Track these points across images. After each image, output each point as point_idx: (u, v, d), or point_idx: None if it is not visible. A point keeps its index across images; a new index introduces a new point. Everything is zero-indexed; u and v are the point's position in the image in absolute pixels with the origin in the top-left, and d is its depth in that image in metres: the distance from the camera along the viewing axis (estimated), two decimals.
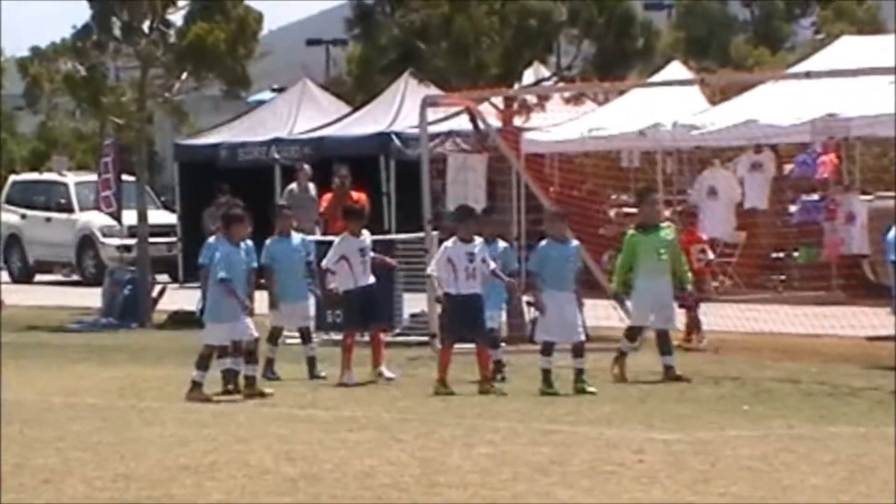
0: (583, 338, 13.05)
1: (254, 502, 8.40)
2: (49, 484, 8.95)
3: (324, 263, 14.13)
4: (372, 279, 14.15)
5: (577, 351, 12.99)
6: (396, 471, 9.17)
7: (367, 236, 14.35)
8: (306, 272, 14.54)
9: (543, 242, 13.22)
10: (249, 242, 13.16)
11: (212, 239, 14.82)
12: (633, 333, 13.77)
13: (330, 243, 17.06)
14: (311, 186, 23.09)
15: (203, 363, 12.76)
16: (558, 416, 11.48)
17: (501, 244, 13.78)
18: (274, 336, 14.41)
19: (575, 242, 13.34)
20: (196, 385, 12.68)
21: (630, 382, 13.38)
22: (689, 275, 14.03)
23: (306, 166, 23.77)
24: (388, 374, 13.93)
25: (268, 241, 14.43)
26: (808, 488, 8.57)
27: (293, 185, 23.39)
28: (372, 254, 14.21)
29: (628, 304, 14.19)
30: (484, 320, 13.21)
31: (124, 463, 9.54)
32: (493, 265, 13.13)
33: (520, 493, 8.49)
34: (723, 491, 8.48)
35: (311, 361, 14.32)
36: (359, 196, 20.24)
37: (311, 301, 14.70)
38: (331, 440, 10.34)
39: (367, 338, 14.20)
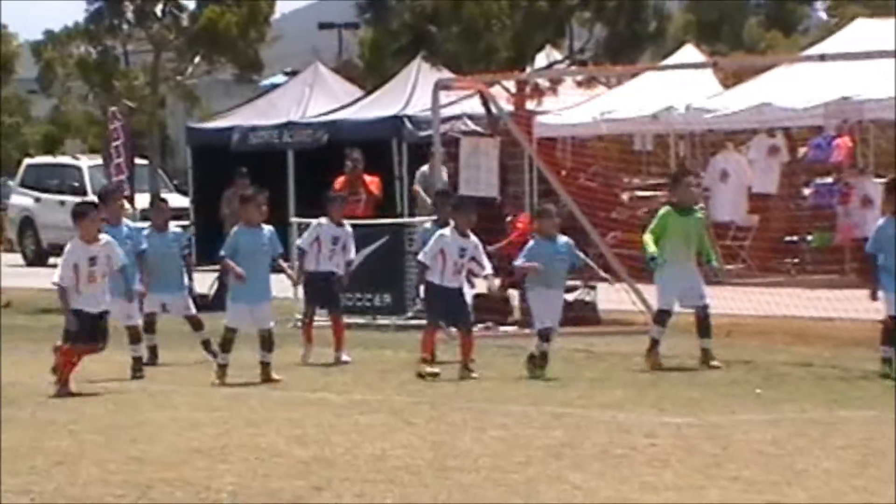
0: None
1: (266, 485, 8.41)
2: (62, 466, 8.98)
3: (298, 242, 14.32)
4: (336, 268, 14.25)
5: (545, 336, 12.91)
6: (408, 454, 9.18)
7: (347, 227, 14.49)
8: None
9: (531, 241, 13.12)
10: (270, 227, 13.17)
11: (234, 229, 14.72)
12: (662, 318, 13.50)
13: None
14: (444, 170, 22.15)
15: (225, 346, 12.84)
16: (570, 399, 11.48)
17: (562, 239, 13.21)
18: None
19: (564, 239, 13.05)
20: (221, 368, 12.74)
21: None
22: (714, 254, 13.86)
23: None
24: (344, 357, 14.05)
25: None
26: (821, 472, 8.56)
27: (425, 168, 21.73)
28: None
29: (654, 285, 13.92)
30: (467, 308, 13.17)
31: (137, 446, 9.57)
32: (487, 269, 13.00)
33: (532, 477, 8.50)
34: (735, 475, 8.48)
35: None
36: (371, 180, 20.24)
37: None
38: (342, 423, 10.36)
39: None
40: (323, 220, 14.59)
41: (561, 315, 13.07)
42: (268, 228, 13.05)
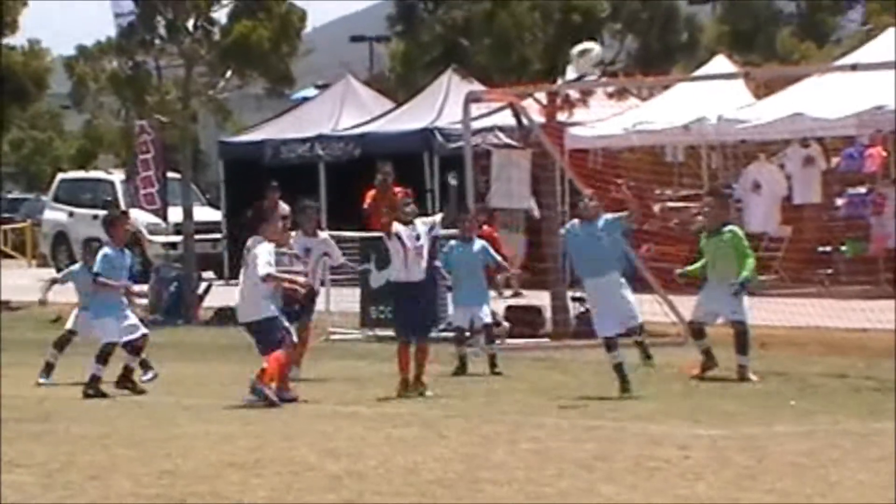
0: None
1: (298, 499, 8.42)
2: (96, 480, 9.01)
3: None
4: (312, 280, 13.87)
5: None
6: (440, 467, 9.16)
7: (322, 235, 14.33)
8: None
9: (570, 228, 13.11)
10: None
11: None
12: (693, 330, 13.64)
13: (372, 239, 17.12)
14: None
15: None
16: (602, 412, 11.44)
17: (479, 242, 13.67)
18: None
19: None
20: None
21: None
22: (749, 272, 13.70)
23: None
24: (300, 373, 13.62)
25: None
26: (856, 484, 8.50)
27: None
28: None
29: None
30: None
31: (170, 459, 9.59)
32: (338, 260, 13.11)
33: (564, 490, 8.47)
34: (769, 487, 8.43)
35: None
36: (403, 192, 20.19)
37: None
38: (375, 437, 10.35)
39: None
40: (293, 232, 14.33)
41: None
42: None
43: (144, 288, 14.33)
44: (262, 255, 12.28)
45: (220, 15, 22.11)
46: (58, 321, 19.55)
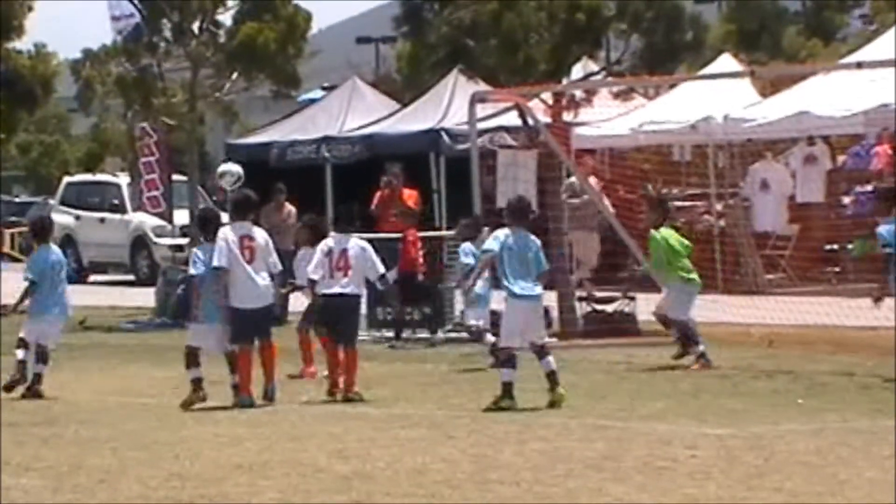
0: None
1: (307, 501, 8.42)
2: (105, 483, 9.02)
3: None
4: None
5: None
6: (449, 468, 9.17)
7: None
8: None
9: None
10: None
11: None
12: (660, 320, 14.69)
13: (380, 241, 17.10)
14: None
15: None
16: (610, 412, 11.44)
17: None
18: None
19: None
20: None
21: (683, 376, 13.27)
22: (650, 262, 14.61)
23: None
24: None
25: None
26: (865, 483, 8.49)
27: (572, 179, 20.22)
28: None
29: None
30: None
31: (179, 462, 9.60)
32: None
33: (573, 490, 8.47)
34: (778, 486, 8.42)
35: None
36: (410, 194, 20.24)
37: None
38: (383, 438, 10.36)
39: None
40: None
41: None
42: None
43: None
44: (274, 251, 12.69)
45: (226, 17, 22.13)
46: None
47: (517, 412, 11.53)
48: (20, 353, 13.27)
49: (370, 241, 16.52)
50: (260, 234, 12.70)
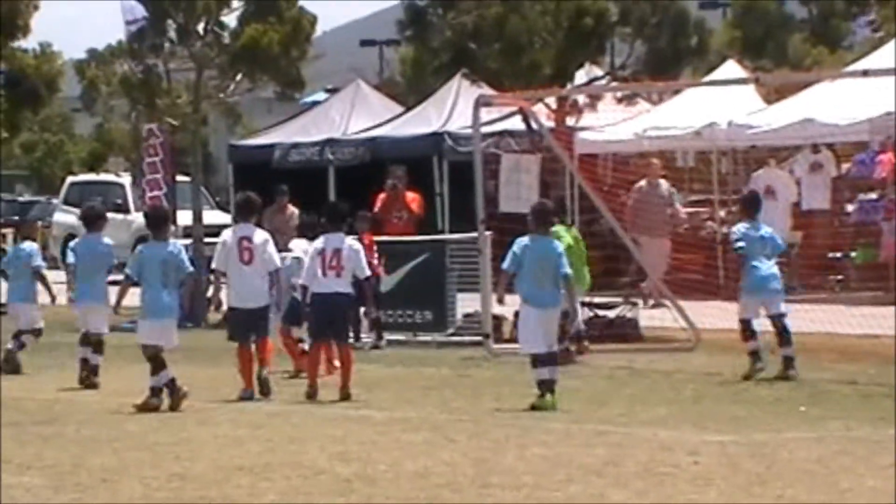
0: None
1: (308, 503, 8.41)
2: (106, 483, 9.01)
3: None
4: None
5: None
6: (450, 471, 9.16)
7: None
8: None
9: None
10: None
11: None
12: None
13: (383, 243, 17.08)
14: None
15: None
16: (612, 417, 11.43)
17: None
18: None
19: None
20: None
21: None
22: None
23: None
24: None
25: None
26: (867, 491, 8.48)
27: (643, 183, 20.38)
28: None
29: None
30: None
31: (180, 463, 9.59)
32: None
33: (573, 495, 8.46)
34: (779, 493, 8.41)
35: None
36: (413, 197, 20.23)
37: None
38: (385, 441, 10.35)
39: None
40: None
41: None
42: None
43: None
44: (274, 250, 12.90)
45: (231, 19, 22.13)
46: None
47: (518, 416, 11.51)
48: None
49: (376, 243, 16.61)
50: (259, 235, 12.80)
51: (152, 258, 12.52)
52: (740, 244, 13.79)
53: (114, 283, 13.97)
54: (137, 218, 29.33)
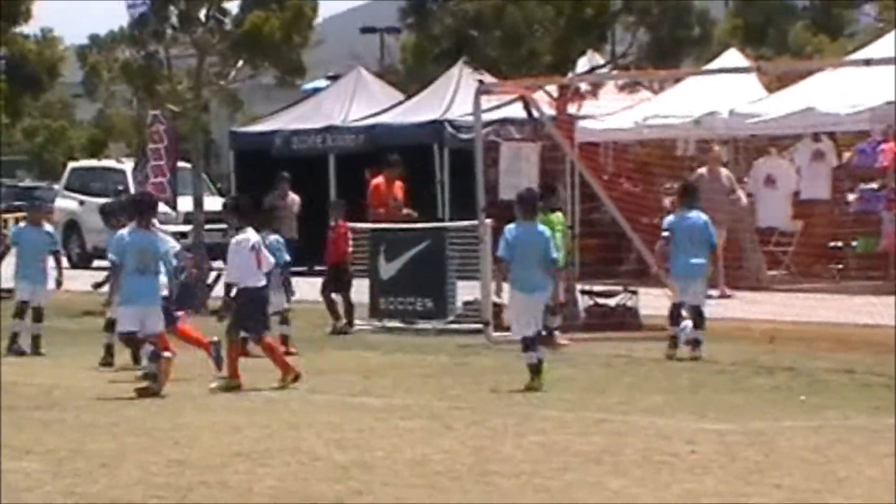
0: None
1: (306, 489, 8.43)
2: (105, 468, 9.03)
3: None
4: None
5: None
6: (448, 459, 9.17)
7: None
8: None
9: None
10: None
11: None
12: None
13: (382, 230, 17.09)
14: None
15: None
16: (609, 405, 11.44)
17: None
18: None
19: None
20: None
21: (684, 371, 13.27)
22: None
23: None
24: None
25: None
26: (864, 480, 8.49)
27: (703, 170, 20.28)
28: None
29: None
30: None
31: (178, 449, 9.61)
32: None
33: (571, 483, 8.47)
34: (777, 482, 8.42)
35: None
36: (399, 184, 20.11)
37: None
38: (383, 428, 10.36)
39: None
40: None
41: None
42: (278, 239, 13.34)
43: None
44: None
45: (232, 5, 22.10)
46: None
47: (517, 405, 11.53)
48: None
49: (373, 230, 16.58)
50: (253, 234, 12.80)
51: (133, 245, 12.52)
52: (666, 232, 14.57)
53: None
54: None
